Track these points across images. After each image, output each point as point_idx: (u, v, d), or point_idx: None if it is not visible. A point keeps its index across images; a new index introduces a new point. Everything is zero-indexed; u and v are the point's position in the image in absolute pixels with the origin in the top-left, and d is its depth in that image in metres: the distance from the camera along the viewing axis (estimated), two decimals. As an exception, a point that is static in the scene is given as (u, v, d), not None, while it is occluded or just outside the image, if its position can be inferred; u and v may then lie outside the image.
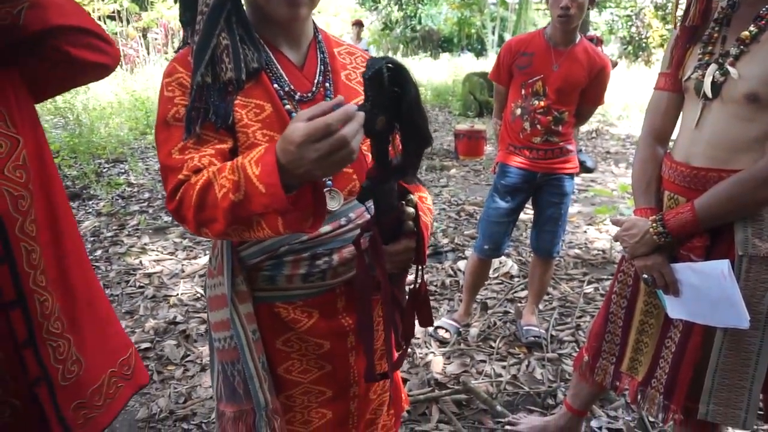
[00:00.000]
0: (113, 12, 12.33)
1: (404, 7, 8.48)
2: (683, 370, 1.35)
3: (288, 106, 0.96)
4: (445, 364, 2.38)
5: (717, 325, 1.29)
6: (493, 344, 2.52)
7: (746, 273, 1.23)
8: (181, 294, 2.97)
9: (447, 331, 2.56)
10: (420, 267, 1.02)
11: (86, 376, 1.18)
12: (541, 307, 2.77)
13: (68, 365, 1.14)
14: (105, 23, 11.95)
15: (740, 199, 1.20)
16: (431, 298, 3.00)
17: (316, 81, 1.00)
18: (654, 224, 1.31)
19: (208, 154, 0.88)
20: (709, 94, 1.23)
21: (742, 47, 1.20)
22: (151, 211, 4.33)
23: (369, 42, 14.76)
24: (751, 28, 1.20)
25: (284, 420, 1.07)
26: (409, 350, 1.26)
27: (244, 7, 0.95)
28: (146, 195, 4.72)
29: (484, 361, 2.40)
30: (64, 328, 1.14)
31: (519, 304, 2.84)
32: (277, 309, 1.03)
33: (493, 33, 19.49)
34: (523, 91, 2.34)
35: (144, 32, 13.22)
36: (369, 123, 0.73)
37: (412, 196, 0.96)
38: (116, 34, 12.31)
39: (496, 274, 3.24)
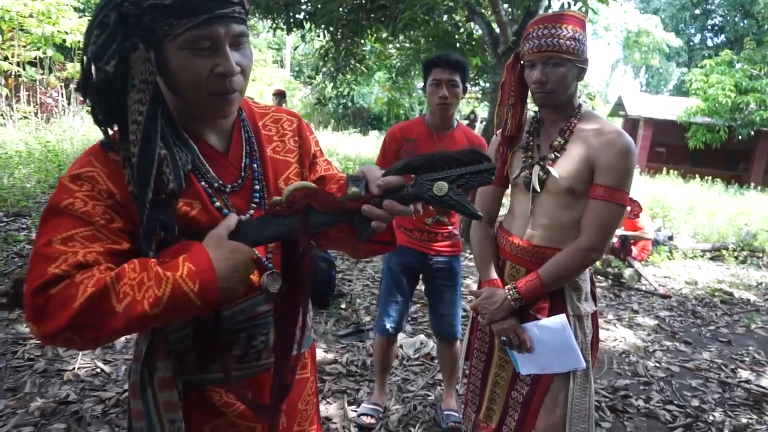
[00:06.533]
0: (35, 59, 11.84)
1: (338, 85, 8.82)
2: (528, 419, 1.63)
3: (217, 203, 0.94)
4: (363, 452, 2.28)
5: (562, 371, 1.57)
6: (413, 430, 2.47)
7: (575, 329, 1.58)
8: (78, 368, 2.70)
9: (371, 417, 2.48)
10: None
11: None
12: (461, 390, 2.78)
13: None
14: (24, 69, 11.42)
15: (572, 266, 1.54)
16: (351, 378, 2.92)
17: (243, 164, 0.99)
18: (510, 292, 1.59)
19: (95, 251, 0.81)
20: (538, 189, 1.59)
21: (555, 153, 1.58)
22: (52, 272, 3.97)
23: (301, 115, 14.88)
24: (559, 139, 1.58)
25: None
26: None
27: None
28: (48, 254, 4.34)
29: (403, 449, 2.33)
30: None
31: (440, 387, 2.83)
32: (208, 393, 0.98)
33: (421, 114, 20.55)
34: (413, 175, 2.44)
35: (67, 82, 12.74)
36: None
37: None
38: (35, 81, 11.78)
39: (417, 356, 3.23)
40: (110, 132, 0.88)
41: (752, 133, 16.40)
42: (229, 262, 0.82)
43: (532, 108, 1.73)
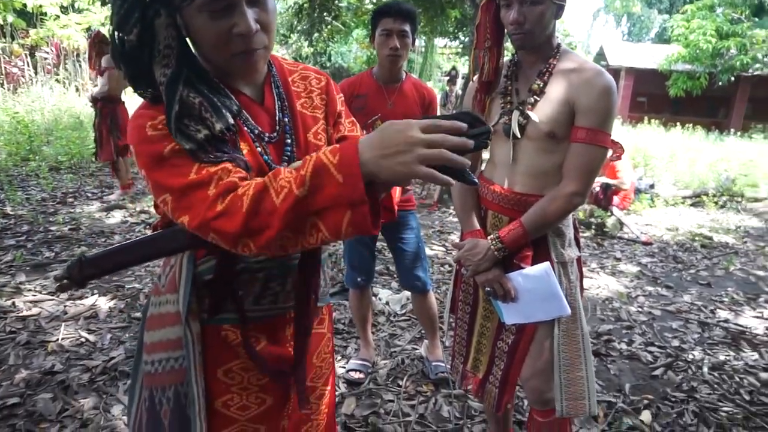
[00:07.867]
0: (-5, 26, 11.30)
1: (314, 43, 8.58)
2: (514, 367, 1.64)
3: (259, 149, 0.95)
4: (357, 405, 2.31)
5: (547, 318, 1.56)
6: (401, 383, 2.50)
7: (560, 276, 1.56)
8: (62, 339, 2.67)
9: (360, 372, 2.51)
10: None
11: None
12: (448, 343, 2.81)
13: None
14: (-15, 38, 10.92)
15: (554, 212, 1.49)
16: (339, 336, 2.94)
17: (277, 118, 1.00)
18: (493, 242, 1.55)
19: (231, 167, 0.85)
20: (518, 135, 1.53)
21: (535, 97, 1.52)
22: (29, 245, 3.90)
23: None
24: (538, 82, 1.52)
25: None
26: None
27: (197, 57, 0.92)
28: (25, 228, 4.26)
29: (392, 401, 2.37)
30: None
31: (426, 341, 2.86)
32: (224, 332, 1.00)
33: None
34: (364, 132, 2.40)
35: (32, 50, 12.22)
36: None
37: None
38: (-2, 50, 11.29)
39: (403, 311, 3.25)
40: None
41: (732, 78, 16.41)
42: (375, 135, 0.76)
43: (510, 51, 1.67)
